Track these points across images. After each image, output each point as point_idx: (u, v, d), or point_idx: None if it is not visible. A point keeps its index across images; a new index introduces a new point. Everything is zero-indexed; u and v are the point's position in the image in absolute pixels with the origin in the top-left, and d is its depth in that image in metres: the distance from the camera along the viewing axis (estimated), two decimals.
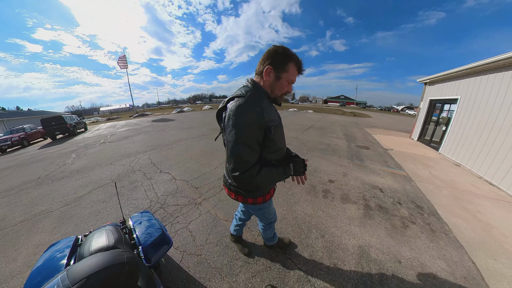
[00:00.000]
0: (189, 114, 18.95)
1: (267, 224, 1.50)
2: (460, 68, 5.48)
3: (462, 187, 3.78)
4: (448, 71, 6.14)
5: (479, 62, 4.77)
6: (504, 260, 2.05)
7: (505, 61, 4.04)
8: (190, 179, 3.32)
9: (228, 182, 1.20)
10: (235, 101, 0.94)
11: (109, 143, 6.31)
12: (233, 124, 0.90)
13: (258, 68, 1.04)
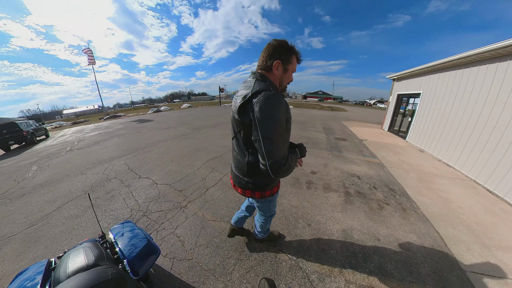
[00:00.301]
0: (167, 114, 17.89)
1: (268, 217, 1.53)
2: (422, 66, 6.15)
3: (425, 170, 4.27)
4: (412, 68, 6.84)
5: (436, 61, 5.42)
6: (461, 228, 2.39)
7: (456, 61, 4.68)
8: (173, 182, 3.19)
9: (244, 181, 1.19)
10: (263, 95, 0.91)
11: (78, 150, 5.65)
12: (269, 117, 0.90)
13: (264, 64, 1.05)
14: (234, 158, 1.24)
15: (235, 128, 1.12)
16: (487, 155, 3.65)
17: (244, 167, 1.15)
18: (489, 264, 1.87)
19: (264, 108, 0.89)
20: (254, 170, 1.12)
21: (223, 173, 3.55)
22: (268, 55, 1.03)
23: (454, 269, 1.80)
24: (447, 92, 5.13)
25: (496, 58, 3.78)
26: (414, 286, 1.60)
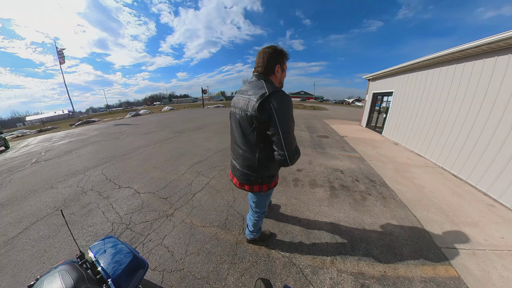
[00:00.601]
0: (147, 117, 16.86)
1: (262, 214, 1.59)
2: (393, 67, 6.73)
3: (400, 161, 4.63)
4: (385, 69, 7.44)
5: (405, 63, 5.97)
6: (433, 210, 2.63)
7: (421, 63, 5.19)
8: (157, 190, 3.03)
9: (253, 177, 1.27)
10: (280, 95, 1.05)
11: (45, 162, 5.05)
12: (286, 114, 1.04)
13: (265, 69, 1.17)
14: (240, 157, 1.27)
15: (248, 126, 1.15)
16: (451, 145, 4.09)
17: (254, 164, 1.22)
18: (459, 239, 2.10)
19: (282, 106, 1.03)
20: (263, 165, 1.22)
21: (210, 176, 3.47)
22: (268, 62, 1.16)
23: (431, 247, 1.98)
24: (415, 90, 5.65)
25: (454, 61, 4.25)
26: (399, 267, 1.73)
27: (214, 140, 6.18)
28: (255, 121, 1.09)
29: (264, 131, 1.10)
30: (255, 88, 1.11)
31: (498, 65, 3.30)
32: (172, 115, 16.83)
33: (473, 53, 3.73)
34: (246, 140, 1.20)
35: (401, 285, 1.57)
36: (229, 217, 2.35)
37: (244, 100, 1.15)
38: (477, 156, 3.45)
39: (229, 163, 4.00)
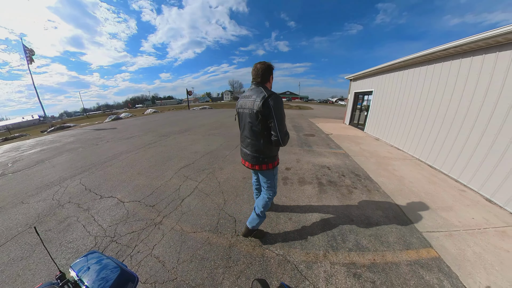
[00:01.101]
0: (128, 121, 15.86)
1: (273, 193, 1.83)
2: (372, 68, 7.15)
3: (382, 155, 4.90)
4: (365, 70, 7.84)
5: (382, 64, 6.36)
6: (413, 198, 2.82)
7: (397, 64, 5.59)
8: (142, 197, 2.88)
9: (261, 158, 1.67)
10: (275, 96, 1.48)
11: (13, 174, 4.52)
12: (280, 109, 1.49)
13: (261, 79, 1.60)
14: (250, 144, 1.68)
15: (255, 120, 1.54)
16: (425, 138, 4.42)
17: (260, 147, 1.64)
18: (437, 223, 2.28)
19: (277, 103, 1.47)
20: (267, 147, 1.64)
21: (198, 180, 3.38)
22: (263, 74, 1.59)
23: (413, 232, 2.13)
24: (393, 89, 6.06)
25: (425, 62, 4.63)
26: (387, 253, 1.83)
27: (201, 143, 6.05)
28: (260, 115, 1.49)
29: (266, 123, 1.52)
30: (257, 93, 1.53)
31: (463, 66, 3.65)
32: (155, 118, 16.13)
33: (441, 55, 4.08)
34: (253, 132, 1.62)
35: (390, 270, 1.66)
36: (220, 220, 2.31)
37: (250, 102, 1.55)
38: (448, 147, 3.77)
39: (217, 166, 4.00)
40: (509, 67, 2.89)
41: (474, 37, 3.16)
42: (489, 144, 3.03)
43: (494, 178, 2.89)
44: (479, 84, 3.30)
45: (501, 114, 2.92)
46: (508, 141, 2.78)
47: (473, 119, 3.34)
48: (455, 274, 1.65)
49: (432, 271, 1.67)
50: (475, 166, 3.18)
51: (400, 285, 1.55)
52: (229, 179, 3.40)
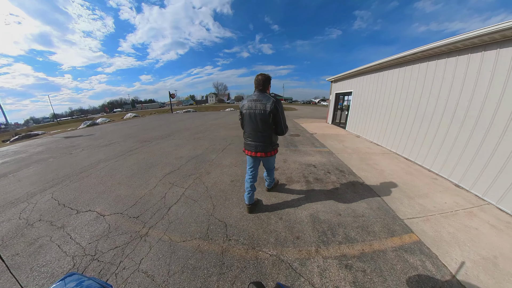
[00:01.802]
0: (106, 127, 14.70)
1: (273, 168, 2.65)
2: (351, 70, 7.57)
3: (363, 151, 5.17)
4: (344, 72, 8.27)
5: (360, 67, 6.78)
6: (393, 189, 3.01)
7: (373, 67, 6.00)
8: (125, 209, 2.70)
9: (269, 147, 2.19)
10: (279, 100, 2.04)
11: None
12: (283, 110, 2.09)
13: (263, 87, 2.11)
14: (262, 137, 2.14)
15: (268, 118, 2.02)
16: (400, 133, 4.79)
17: (270, 139, 2.15)
18: (415, 209, 2.47)
19: (282, 106, 2.06)
20: (273, 138, 2.19)
21: (185, 186, 3.27)
22: (264, 83, 2.10)
23: (396, 220, 2.28)
24: (370, 90, 6.47)
25: (397, 65, 5.05)
26: (374, 242, 1.94)
27: (186, 147, 5.86)
28: (271, 114, 2.00)
29: (274, 119, 2.04)
30: (265, 98, 2.04)
31: (429, 69, 4.04)
32: (136, 123, 15.28)
33: (410, 59, 4.48)
34: (265, 127, 2.08)
35: (378, 258, 1.76)
36: (210, 226, 2.25)
37: (261, 105, 2.02)
38: (420, 140, 4.12)
39: (204, 170, 3.90)
40: (467, 69, 3.27)
41: (437, 43, 3.57)
42: (454, 136, 3.37)
43: (460, 166, 3.21)
44: (444, 84, 3.68)
45: (462, 109, 3.28)
46: (470, 133, 3.11)
47: (439, 115, 3.70)
48: (434, 254, 1.80)
49: (415, 254, 1.81)
50: (444, 156, 3.51)
51: (388, 270, 1.64)
52: (217, 183, 3.34)
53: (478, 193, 2.88)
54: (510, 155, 2.56)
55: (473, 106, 3.12)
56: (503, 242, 1.95)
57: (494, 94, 2.82)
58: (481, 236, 2.03)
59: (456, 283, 1.55)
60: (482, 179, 2.87)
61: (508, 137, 2.62)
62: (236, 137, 7.01)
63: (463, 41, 3.11)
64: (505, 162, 2.60)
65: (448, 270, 1.66)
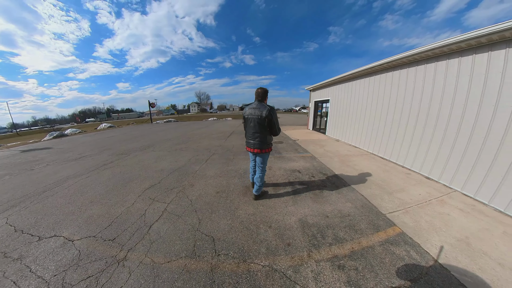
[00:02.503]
0: (77, 138, 13.12)
1: (264, 170, 2.81)
2: (327, 80, 8.16)
3: (343, 153, 5.44)
4: (322, 82, 8.91)
5: (334, 77, 7.39)
6: (373, 187, 3.17)
7: (346, 77, 6.56)
8: (98, 231, 2.41)
9: (265, 145, 2.62)
10: (273, 109, 2.50)
11: None
12: (276, 116, 2.54)
13: (262, 98, 2.61)
14: (258, 137, 2.59)
15: (264, 122, 2.49)
16: (374, 135, 5.19)
17: (265, 138, 2.60)
18: (395, 204, 2.63)
19: (275, 113, 2.51)
20: (268, 138, 2.63)
21: (167, 201, 3.05)
22: (262, 95, 2.61)
23: (379, 216, 2.40)
24: (345, 97, 7.01)
25: (366, 75, 5.58)
26: (362, 239, 2.01)
27: (167, 159, 5.56)
28: (266, 119, 2.46)
29: (268, 123, 2.50)
30: (262, 106, 2.52)
31: (394, 77, 4.54)
32: (112, 134, 14.10)
33: (378, 69, 5.00)
34: (261, 129, 2.54)
35: (367, 253, 1.82)
36: (197, 242, 2.10)
37: (259, 112, 2.49)
38: (392, 140, 4.51)
39: (187, 183, 3.73)
40: (425, 76, 3.73)
41: (398, 56, 4.08)
42: (420, 134, 3.76)
43: (428, 160, 3.58)
44: (407, 90, 4.15)
45: (424, 111, 3.71)
46: (432, 131, 3.50)
47: (406, 117, 4.14)
48: (416, 243, 1.94)
49: (399, 245, 1.92)
50: (414, 152, 3.88)
51: (378, 264, 1.71)
52: (202, 195, 3.19)
53: (446, 183, 3.24)
54: (466, 148, 2.96)
55: (433, 108, 3.55)
56: (471, 223, 2.23)
57: (448, 97, 3.28)
58: (453, 220, 2.29)
59: (439, 267, 1.68)
60: (447, 170, 3.24)
61: (463, 134, 3.03)
62: (220, 147, 6.88)
63: (419, 53, 3.62)
64: (463, 154, 3.00)
65: (431, 256, 1.80)
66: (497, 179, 2.58)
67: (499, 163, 2.58)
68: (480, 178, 2.77)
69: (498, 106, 2.64)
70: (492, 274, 1.61)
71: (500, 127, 2.59)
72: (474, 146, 2.88)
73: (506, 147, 2.53)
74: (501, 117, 2.60)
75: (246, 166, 4.51)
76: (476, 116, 2.88)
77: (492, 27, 2.53)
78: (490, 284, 1.53)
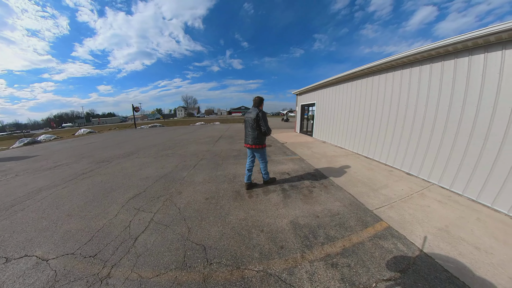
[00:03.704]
0: (52, 145, 11.80)
1: (266, 162, 3.41)
2: (313, 84, 8.51)
3: (330, 154, 5.61)
4: (307, 86, 9.23)
5: (319, 82, 7.71)
6: (359, 185, 3.30)
7: (331, 81, 6.87)
8: (77, 247, 2.20)
9: (257, 141, 3.14)
10: (262, 112, 3.11)
11: None
12: (265, 116, 3.11)
13: (258, 104, 3.18)
14: (250, 135, 3.16)
15: (254, 123, 3.04)
16: (358, 136, 5.46)
17: (257, 136, 3.10)
18: (380, 200, 2.76)
19: (264, 115, 3.10)
20: (260, 135, 3.12)
21: (153, 211, 2.90)
22: (259, 102, 3.18)
23: (367, 212, 2.50)
24: (330, 100, 7.32)
25: (350, 79, 5.88)
26: (352, 236, 2.07)
27: (153, 166, 5.31)
28: (256, 119, 3.03)
29: (257, 123, 3.04)
30: (254, 111, 3.10)
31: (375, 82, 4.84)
32: (91, 140, 13.17)
33: (360, 74, 5.30)
34: (253, 128, 3.09)
35: (358, 250, 1.88)
36: (187, 252, 2.00)
37: (252, 115, 3.07)
38: (375, 140, 4.78)
39: (175, 190, 3.60)
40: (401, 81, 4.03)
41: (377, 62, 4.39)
42: (399, 133, 4.02)
43: (408, 157, 3.84)
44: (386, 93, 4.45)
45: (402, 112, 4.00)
46: (410, 130, 3.78)
47: (386, 117, 4.42)
48: (402, 235, 2.06)
49: (387, 239, 2.01)
50: (394, 150, 4.13)
51: (369, 259, 1.77)
52: (191, 203, 3.08)
53: (424, 177, 3.51)
54: (440, 145, 3.23)
55: (409, 110, 3.85)
56: (449, 213, 2.44)
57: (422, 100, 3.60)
58: (433, 211, 2.48)
59: (424, 256, 1.80)
60: (425, 165, 3.51)
61: (437, 131, 3.31)
62: (208, 152, 6.75)
63: (395, 60, 3.94)
64: (438, 151, 3.27)
65: (416, 246, 1.92)
66: (468, 172, 2.84)
67: (469, 157, 2.84)
68: (453, 171, 3.03)
69: (465, 106, 2.92)
70: (471, 258, 1.76)
71: (468, 126, 2.88)
72: (446, 143, 3.15)
73: (474, 143, 2.80)
74: (468, 117, 2.89)
75: (235, 171, 4.46)
76: (447, 117, 3.17)
77: (457, 37, 2.82)
78: (469, 267, 1.67)
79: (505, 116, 2.48)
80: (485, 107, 2.69)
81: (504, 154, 2.48)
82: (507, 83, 2.49)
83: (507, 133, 2.47)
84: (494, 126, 2.59)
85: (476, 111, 2.78)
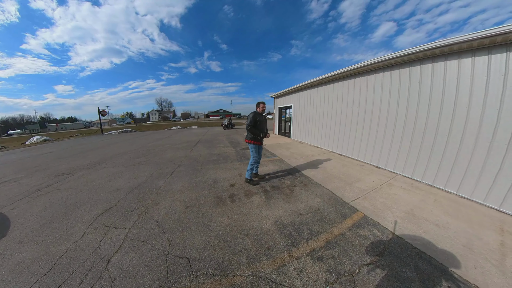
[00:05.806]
0: None
1: (253, 160, 3.70)
2: (289, 88, 8.92)
3: (307, 154, 5.88)
4: (284, 90, 9.64)
5: (295, 86, 8.08)
6: (336, 180, 3.52)
7: (305, 85, 7.28)
8: (34, 280, 1.84)
9: (248, 137, 3.64)
10: (250, 113, 3.58)
11: None
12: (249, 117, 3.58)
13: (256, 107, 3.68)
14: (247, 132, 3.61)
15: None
16: (332, 135, 5.88)
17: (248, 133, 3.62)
18: (355, 192, 3.00)
19: (249, 115, 3.58)
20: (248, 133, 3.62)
21: (127, 226, 2.60)
22: (257, 105, 3.65)
23: (344, 205, 2.69)
24: (306, 103, 7.73)
25: (323, 84, 6.31)
26: (333, 229, 2.21)
27: (124, 176, 4.76)
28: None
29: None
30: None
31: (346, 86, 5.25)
32: (48, 150, 11.19)
33: (331, 79, 5.74)
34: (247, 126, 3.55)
35: (340, 240, 2.02)
36: (170, 267, 1.85)
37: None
38: (347, 138, 5.21)
39: (151, 201, 3.31)
40: (367, 85, 4.48)
41: (347, 68, 4.78)
42: (367, 132, 4.46)
43: (375, 152, 4.27)
44: (354, 96, 4.89)
45: (368, 114, 4.43)
46: (376, 129, 4.20)
47: (355, 118, 4.88)
48: (377, 222, 2.30)
49: (364, 227, 2.22)
50: (364, 147, 4.55)
51: (350, 248, 1.92)
52: (169, 213, 2.87)
53: (390, 169, 3.95)
54: (401, 141, 3.70)
55: (375, 111, 4.30)
56: (413, 198, 2.82)
57: (385, 102, 4.04)
58: (400, 198, 2.83)
59: (396, 238, 2.04)
60: (390, 158, 3.96)
61: (398, 129, 3.77)
62: (185, 158, 6.43)
63: (362, 67, 4.39)
64: (400, 145, 3.74)
65: (389, 230, 2.16)
66: (425, 161, 3.33)
67: (424, 148, 3.34)
68: (413, 161, 3.51)
69: (419, 106, 3.42)
70: (433, 234, 2.08)
71: (422, 124, 3.39)
72: (406, 139, 3.63)
73: (427, 137, 3.31)
74: (421, 117, 3.41)
75: (215, 176, 4.35)
76: (405, 116, 3.65)
77: (411, 49, 3.33)
78: (432, 242, 1.97)
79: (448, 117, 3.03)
80: (434, 107, 3.22)
81: (450, 146, 3.02)
82: (448, 87, 3.05)
83: (451, 129, 3.00)
84: (441, 125, 3.13)
85: (427, 111, 3.31)
